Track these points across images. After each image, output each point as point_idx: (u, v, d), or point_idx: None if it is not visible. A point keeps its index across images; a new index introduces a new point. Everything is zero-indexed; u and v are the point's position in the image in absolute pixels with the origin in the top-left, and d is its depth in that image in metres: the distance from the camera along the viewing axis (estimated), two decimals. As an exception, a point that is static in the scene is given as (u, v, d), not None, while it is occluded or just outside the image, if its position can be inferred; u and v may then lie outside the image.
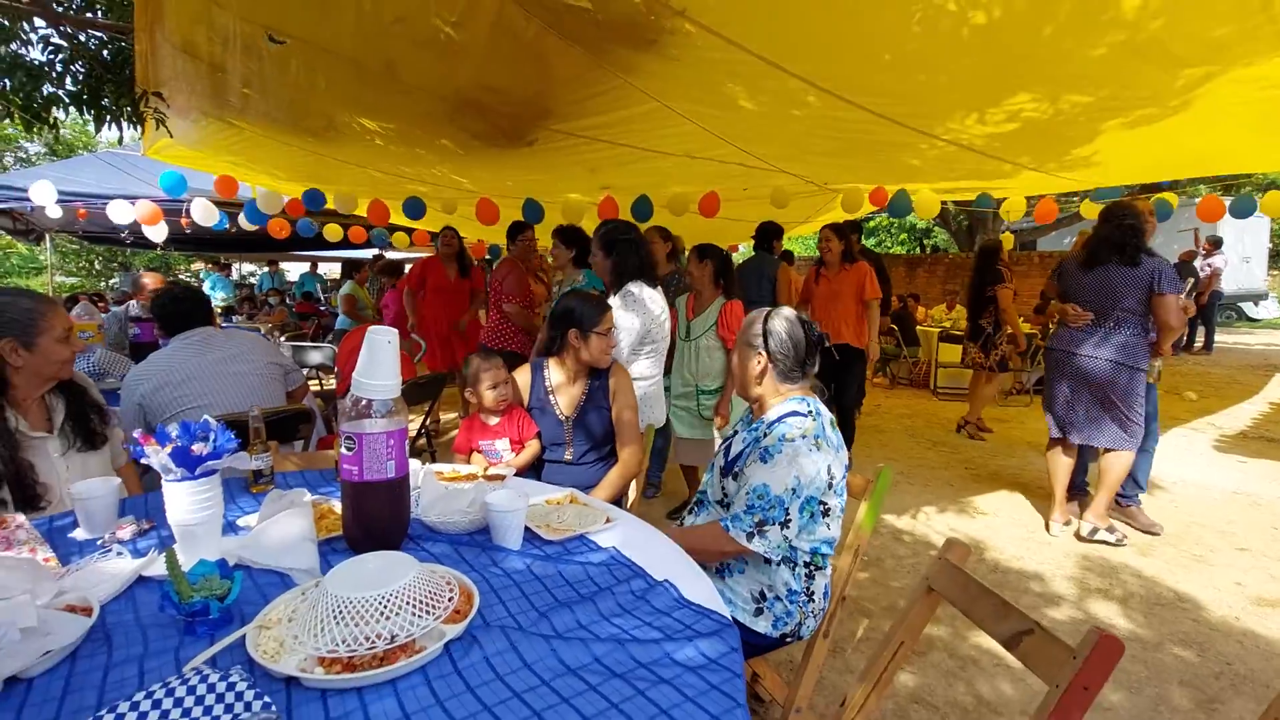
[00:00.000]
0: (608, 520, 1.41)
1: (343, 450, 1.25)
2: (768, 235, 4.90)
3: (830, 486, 1.50)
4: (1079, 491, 3.64)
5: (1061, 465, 3.42)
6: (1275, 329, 14.50)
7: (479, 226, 6.46)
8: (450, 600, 1.03)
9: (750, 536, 1.45)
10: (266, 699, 0.83)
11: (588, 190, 5.88)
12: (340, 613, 0.94)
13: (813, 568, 1.55)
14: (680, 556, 1.27)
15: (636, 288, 2.70)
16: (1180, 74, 2.93)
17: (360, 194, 6.05)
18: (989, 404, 5.82)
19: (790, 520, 1.45)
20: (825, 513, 1.52)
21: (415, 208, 5.78)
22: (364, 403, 1.24)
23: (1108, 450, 3.26)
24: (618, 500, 2.11)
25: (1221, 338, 11.72)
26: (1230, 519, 3.60)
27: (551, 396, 2.13)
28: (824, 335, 1.62)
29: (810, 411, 1.53)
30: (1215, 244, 10.05)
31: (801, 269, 8.81)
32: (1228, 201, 5.55)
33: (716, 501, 1.65)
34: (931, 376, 7.38)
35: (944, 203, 13.97)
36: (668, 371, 3.83)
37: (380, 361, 1.23)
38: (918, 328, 7.92)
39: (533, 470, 2.12)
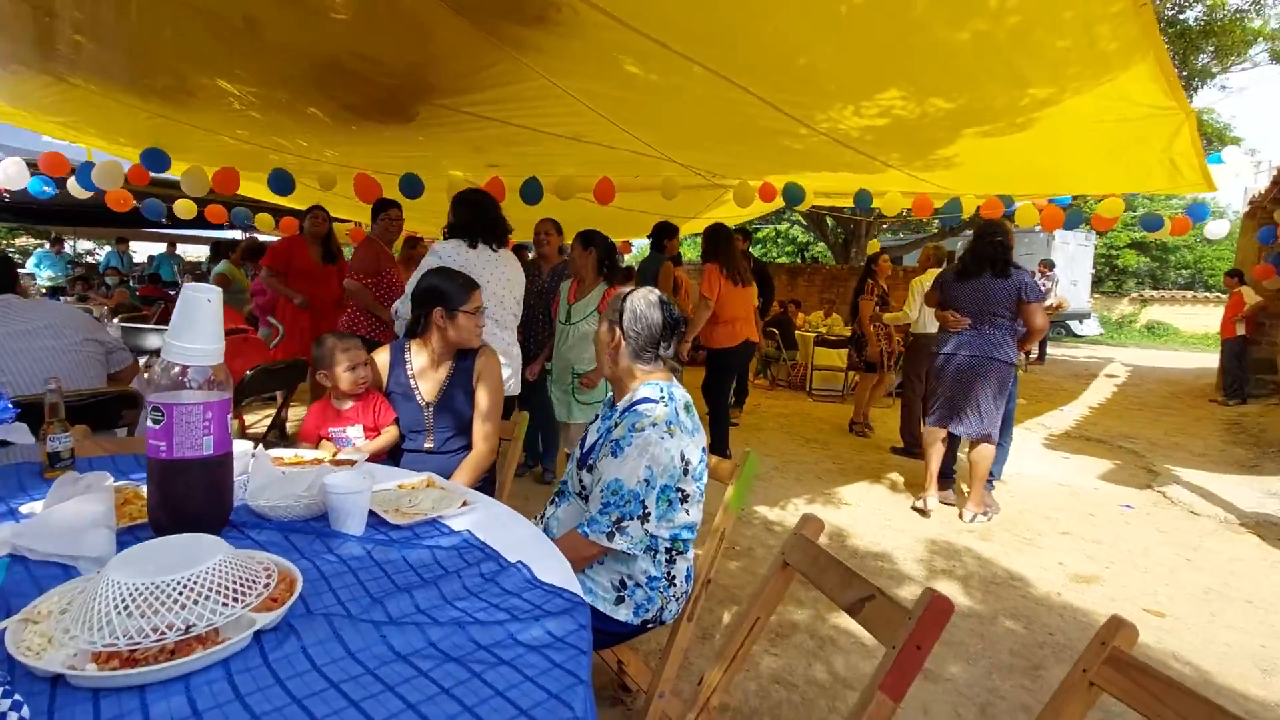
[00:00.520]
0: (464, 504, 1.33)
1: (149, 424, 1.09)
2: (660, 235, 5.00)
3: (686, 472, 1.49)
4: (947, 479, 3.98)
5: (937, 452, 3.77)
6: (1096, 344, 16.68)
7: (359, 206, 6.08)
8: (266, 587, 0.92)
9: (610, 536, 1.42)
10: (17, 698, 0.69)
11: (473, 168, 5.66)
12: (124, 602, 0.81)
13: (674, 553, 1.54)
14: (537, 538, 1.21)
15: (455, 246, 2.71)
16: (1026, 93, 3.23)
17: (211, 166, 5.47)
18: (876, 404, 6.18)
19: (648, 512, 1.44)
20: (683, 499, 1.51)
21: (282, 182, 5.28)
22: (176, 370, 1.09)
23: (975, 443, 3.62)
24: (488, 488, 2.02)
25: (1052, 351, 13.29)
26: (1056, 507, 4.03)
27: (413, 381, 2.01)
28: (681, 318, 1.61)
29: (663, 397, 1.51)
30: (1049, 266, 11.32)
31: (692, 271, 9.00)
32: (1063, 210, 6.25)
33: (576, 493, 1.61)
34: (808, 379, 7.78)
35: (824, 217, 14.82)
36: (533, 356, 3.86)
37: (196, 321, 1.09)
38: (796, 332, 8.32)
39: (391, 460, 1.98)
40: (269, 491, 1.28)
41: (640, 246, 12.15)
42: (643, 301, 1.56)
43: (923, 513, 3.72)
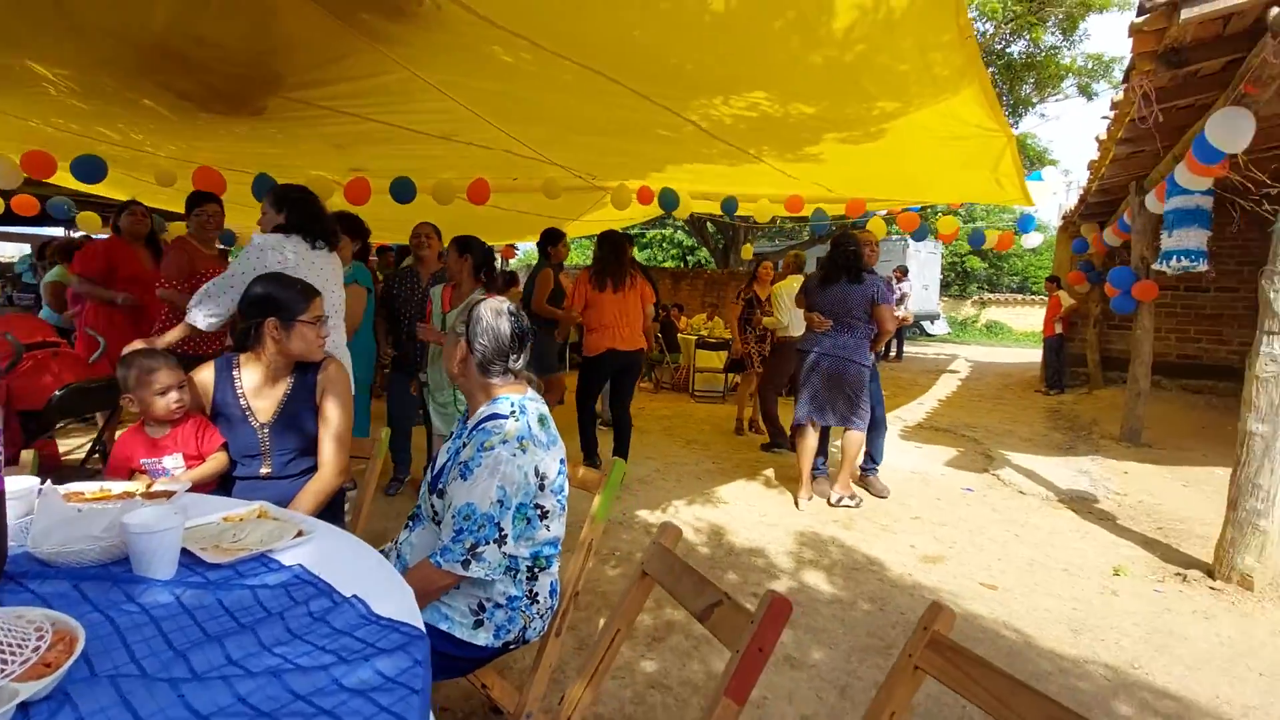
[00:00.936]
0: (299, 534, 1.22)
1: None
2: (544, 241, 4.99)
3: (544, 487, 1.45)
4: (821, 473, 4.24)
5: (809, 448, 4.03)
6: (945, 342, 18.45)
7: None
8: (35, 651, 0.79)
9: (466, 564, 1.35)
10: None
11: (336, 170, 5.31)
12: None
13: (536, 570, 1.50)
14: (381, 568, 1.13)
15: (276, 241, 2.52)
16: (876, 105, 3.47)
17: (17, 153, 4.75)
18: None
19: (505, 534, 1.38)
20: (543, 515, 1.47)
21: (88, 167, 4.52)
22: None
23: (846, 430, 3.96)
24: (337, 515, 1.88)
25: (908, 349, 14.51)
26: (909, 493, 4.38)
27: (244, 400, 1.82)
28: (530, 329, 1.57)
29: (514, 411, 1.46)
30: (904, 272, 12.36)
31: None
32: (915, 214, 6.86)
33: (430, 518, 1.52)
34: (690, 381, 7.98)
35: (705, 223, 15.26)
36: (416, 367, 3.77)
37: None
38: (679, 335, 8.52)
39: (222, 490, 1.79)
40: (57, 534, 1.10)
41: (526, 250, 11.96)
42: (489, 312, 1.51)
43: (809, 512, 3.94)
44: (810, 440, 4.03)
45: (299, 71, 3.31)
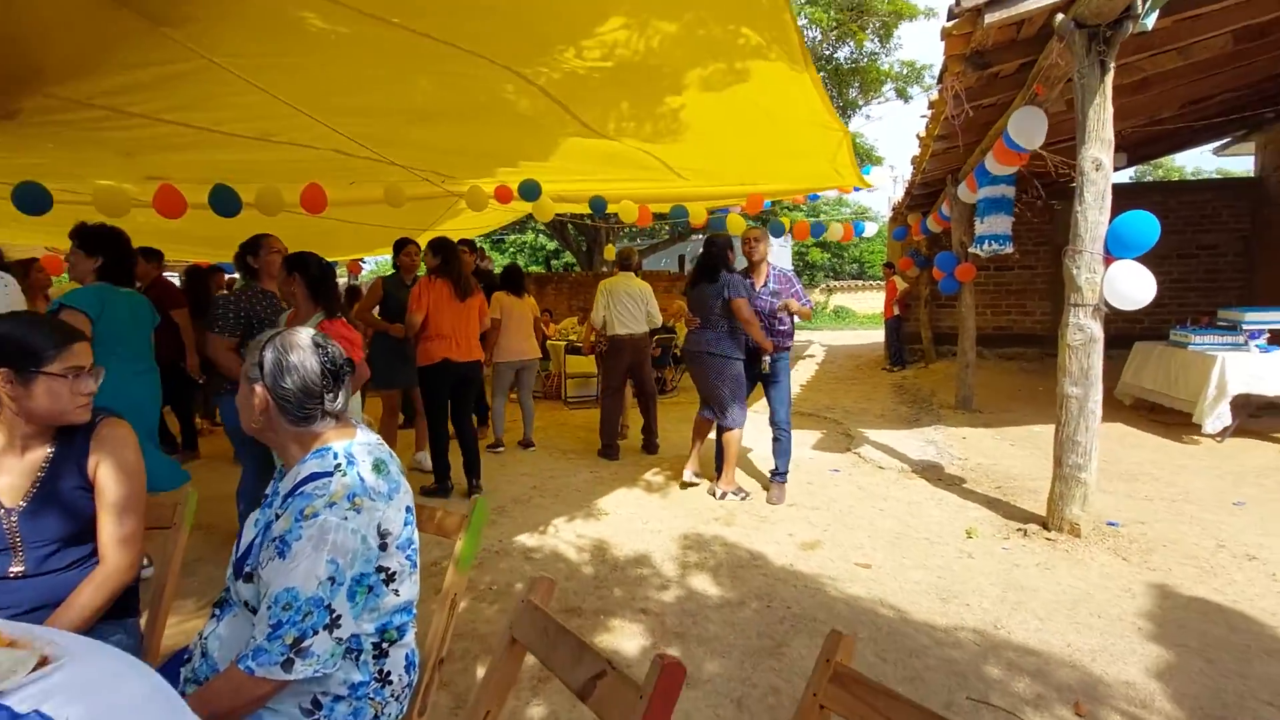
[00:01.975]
0: (43, 662, 0.91)
1: None
2: (395, 251, 4.75)
3: (385, 547, 1.22)
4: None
5: (702, 428, 4.28)
6: (799, 329, 19.60)
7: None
8: None
9: (288, 664, 1.08)
10: None
11: (129, 177, 4.53)
12: None
13: (384, 644, 1.26)
14: (159, 695, 0.86)
15: None
16: (739, 34, 3.20)
17: None
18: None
19: (338, 616, 1.12)
20: (389, 579, 1.23)
21: None
22: None
23: (721, 430, 4.10)
24: (131, 603, 1.51)
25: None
26: (782, 481, 4.49)
27: None
28: (348, 362, 1.32)
29: (339, 465, 1.21)
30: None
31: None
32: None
33: (243, 603, 1.23)
34: (562, 388, 7.79)
35: (567, 225, 15.10)
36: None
37: None
38: (549, 342, 8.30)
39: None
40: None
41: (379, 264, 11.10)
42: (288, 346, 1.24)
43: (685, 485, 4.30)
44: (703, 424, 4.25)
45: (60, 61, 2.74)
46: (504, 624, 2.57)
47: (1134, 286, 3.06)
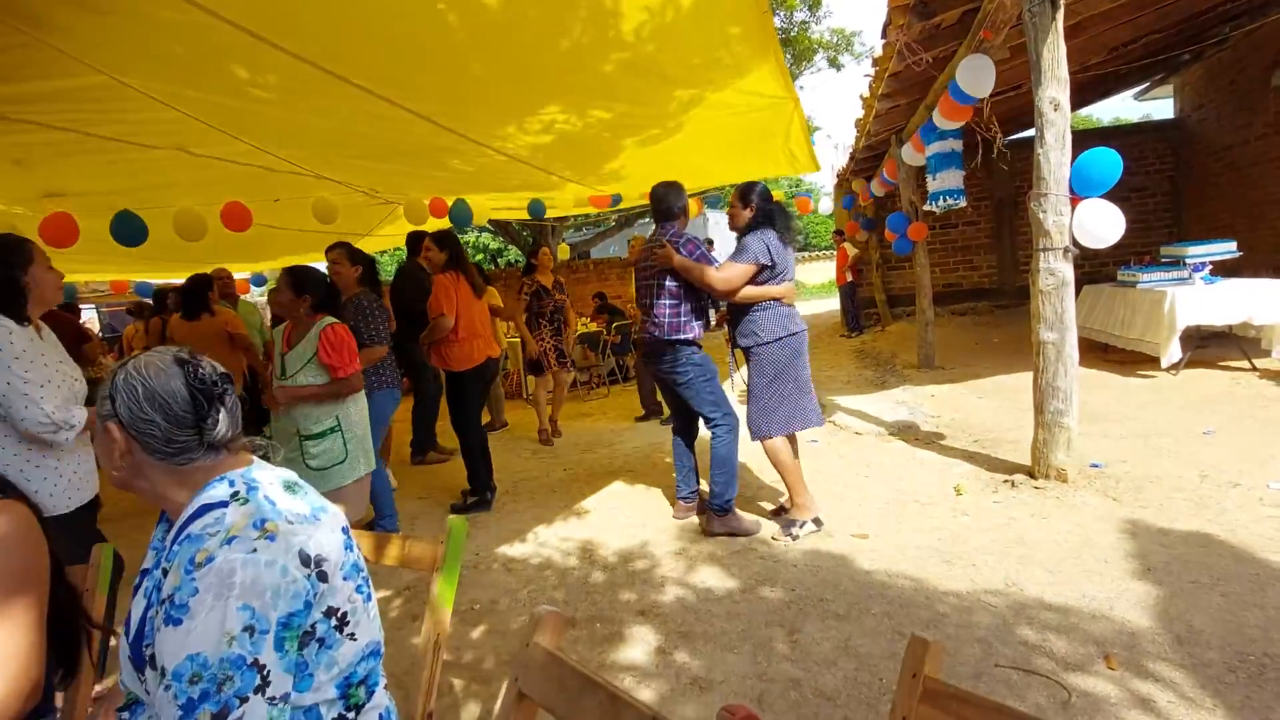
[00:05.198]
0: None
1: None
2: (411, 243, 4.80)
3: (325, 578, 0.96)
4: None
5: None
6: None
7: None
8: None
9: None
10: None
11: (21, 195, 4.03)
12: None
13: (352, 710, 1.01)
14: None
15: None
16: (673, 95, 3.35)
17: None
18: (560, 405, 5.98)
19: (269, 672, 0.87)
20: (339, 623, 0.98)
21: None
22: None
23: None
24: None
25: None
26: (763, 456, 4.36)
27: None
28: (223, 377, 1.06)
29: (235, 493, 0.98)
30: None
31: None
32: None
33: (151, 704, 0.96)
34: (522, 386, 7.52)
35: (510, 223, 14.71)
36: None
37: None
38: (505, 339, 7.99)
39: None
40: None
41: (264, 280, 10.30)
42: (141, 370, 0.99)
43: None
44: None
45: None
46: (491, 649, 2.36)
47: (1104, 225, 3.01)
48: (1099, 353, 6.14)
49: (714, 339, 6.52)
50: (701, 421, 3.33)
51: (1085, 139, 10.20)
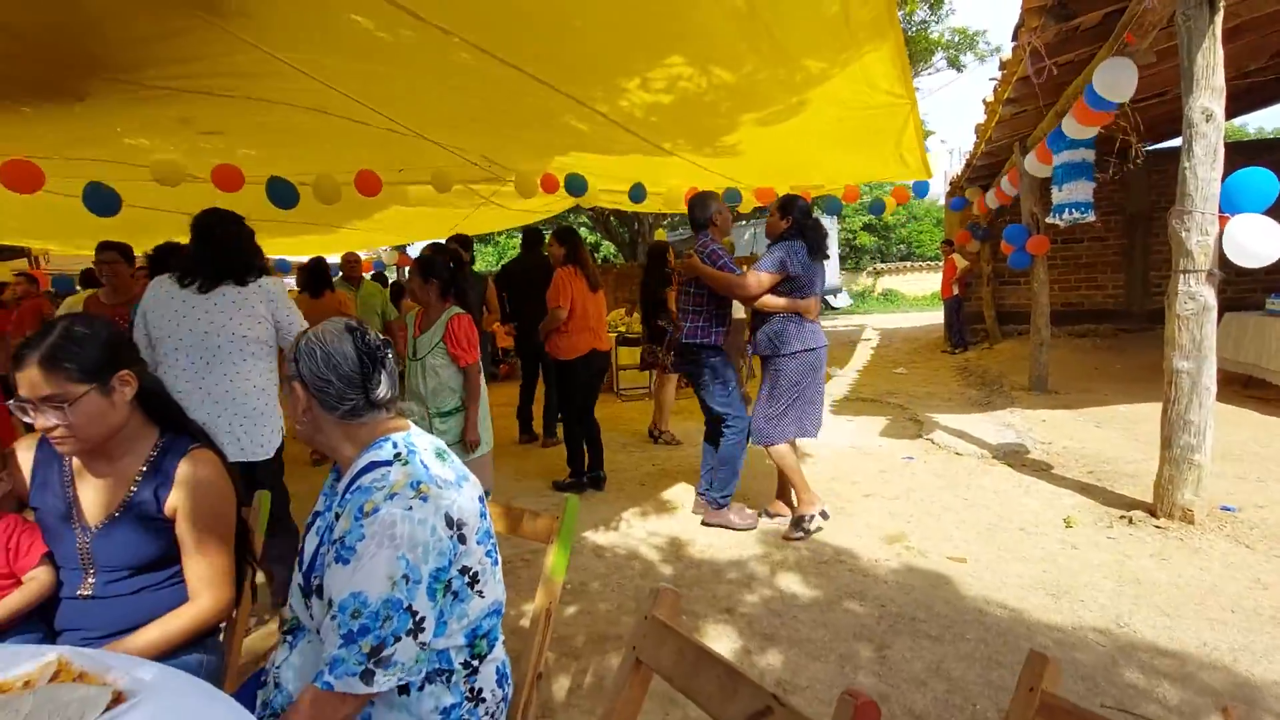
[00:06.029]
0: (117, 698, 0.82)
1: None
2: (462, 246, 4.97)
3: (464, 540, 1.09)
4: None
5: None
6: (850, 314, 19.18)
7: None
8: None
9: (368, 676, 0.97)
10: None
11: (189, 143, 4.42)
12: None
13: (476, 657, 1.14)
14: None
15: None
16: (798, 69, 3.25)
17: None
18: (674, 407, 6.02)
19: (423, 619, 1.01)
20: (472, 580, 1.11)
21: None
22: None
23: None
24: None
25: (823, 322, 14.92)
26: (854, 469, 4.29)
27: (71, 492, 1.31)
28: (386, 343, 1.19)
29: (399, 454, 1.11)
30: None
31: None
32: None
33: (316, 629, 1.12)
34: (614, 380, 7.69)
35: (609, 216, 15.00)
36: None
37: None
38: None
39: (41, 617, 1.31)
40: None
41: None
42: (321, 337, 1.15)
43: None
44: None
45: (117, 50, 2.78)
46: (582, 628, 2.47)
47: (1261, 241, 2.75)
48: (1238, 386, 5.57)
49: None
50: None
51: (1237, 152, 9.23)
